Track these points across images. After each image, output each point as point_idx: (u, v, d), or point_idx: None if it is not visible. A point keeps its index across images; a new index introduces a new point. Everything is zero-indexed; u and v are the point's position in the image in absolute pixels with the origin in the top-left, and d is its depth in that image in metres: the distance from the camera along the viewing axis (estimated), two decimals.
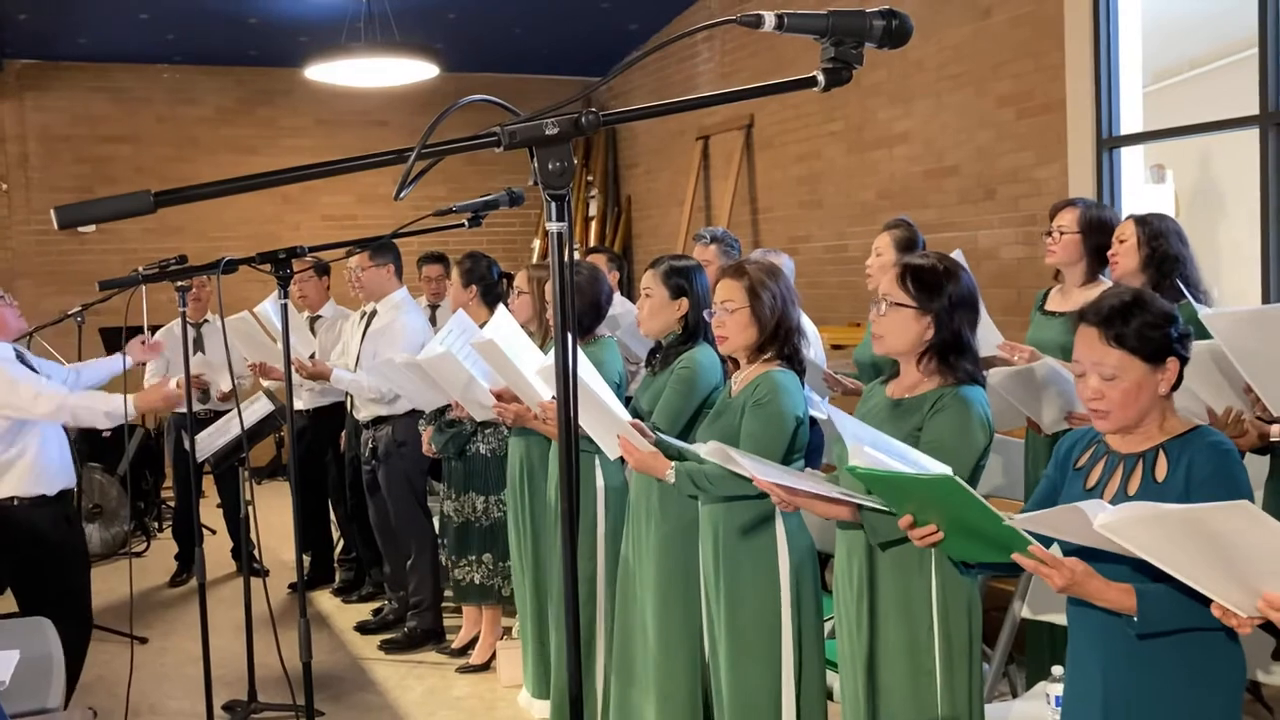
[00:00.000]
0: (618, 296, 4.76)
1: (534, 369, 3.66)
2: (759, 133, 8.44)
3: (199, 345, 6.32)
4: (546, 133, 1.35)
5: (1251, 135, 5.24)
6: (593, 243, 10.19)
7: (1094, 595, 2.08)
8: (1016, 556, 2.08)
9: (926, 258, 2.75)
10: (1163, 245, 3.57)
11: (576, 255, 10.04)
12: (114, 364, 4.81)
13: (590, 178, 10.43)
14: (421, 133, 1.35)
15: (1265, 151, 5.16)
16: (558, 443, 1.40)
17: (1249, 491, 2.17)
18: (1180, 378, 2.21)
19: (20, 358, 4.26)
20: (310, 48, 7.89)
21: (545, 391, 3.63)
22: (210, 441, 4.79)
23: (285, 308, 3.00)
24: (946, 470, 2.21)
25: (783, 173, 8.22)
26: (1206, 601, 1.84)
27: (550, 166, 1.36)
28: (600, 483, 3.81)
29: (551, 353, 4.19)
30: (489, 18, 8.84)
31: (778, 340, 3.07)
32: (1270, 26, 5.08)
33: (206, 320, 6.37)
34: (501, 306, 4.17)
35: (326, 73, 7.93)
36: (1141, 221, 3.64)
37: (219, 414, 5.96)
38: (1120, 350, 2.16)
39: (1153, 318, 2.17)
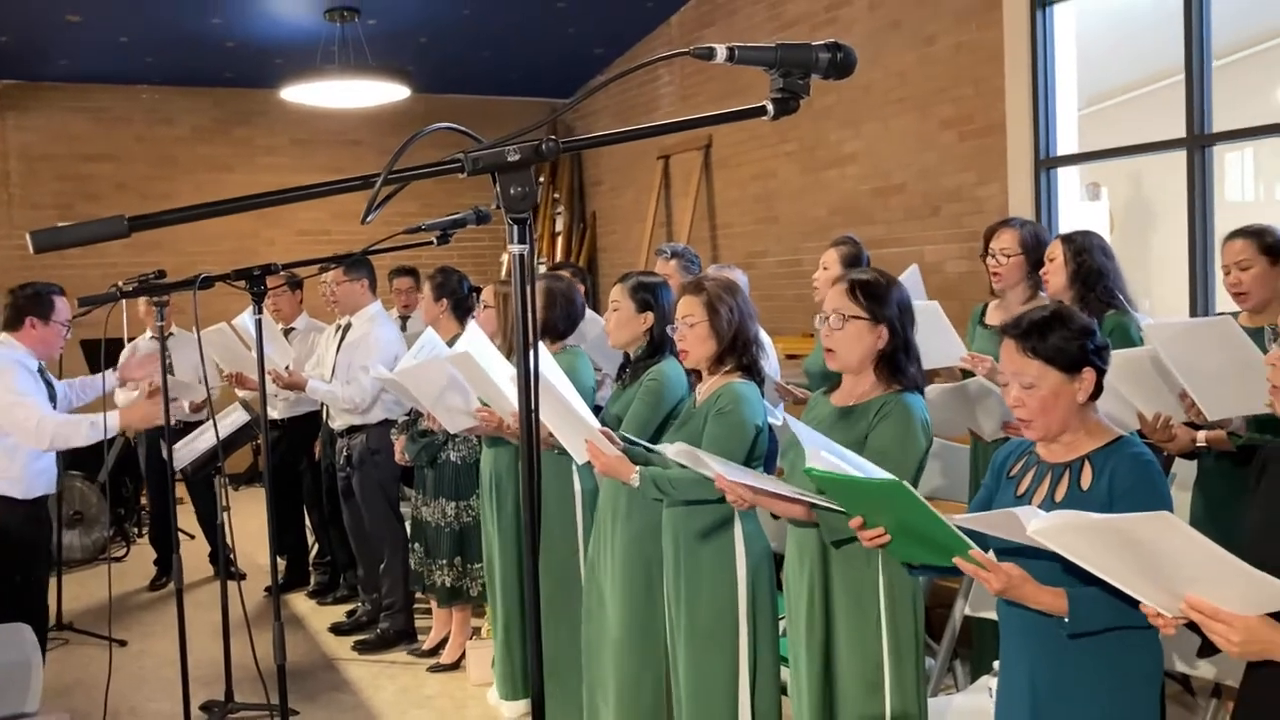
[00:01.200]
0: (589, 312, 4.77)
1: (506, 380, 3.65)
2: (717, 153, 8.48)
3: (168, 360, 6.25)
4: (508, 159, 1.35)
5: (1180, 156, 5.32)
6: (559, 257, 10.18)
7: (1028, 599, 2.12)
8: (957, 560, 2.11)
9: (868, 271, 2.81)
10: (1087, 260, 3.61)
11: (543, 269, 10.05)
12: (98, 384, 4.78)
13: (557, 194, 10.43)
14: (393, 152, 1.35)
15: (1192, 172, 5.24)
16: (521, 452, 1.40)
17: (1168, 501, 2.21)
18: (1100, 387, 2.25)
19: (41, 373, 4.27)
20: (285, 70, 7.86)
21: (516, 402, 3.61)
22: (187, 450, 4.74)
23: (260, 322, 2.98)
24: (892, 476, 2.24)
25: (740, 191, 8.25)
26: (1133, 601, 1.86)
27: (512, 191, 1.36)
28: (578, 486, 3.81)
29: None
30: (459, 41, 8.82)
31: (736, 352, 3.10)
32: (1196, 54, 5.16)
33: (172, 333, 6.29)
34: (473, 322, 4.17)
35: (301, 94, 7.90)
36: (1067, 240, 3.68)
37: (190, 425, 5.91)
38: (1037, 361, 2.21)
39: (1069, 332, 2.22)
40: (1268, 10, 8.30)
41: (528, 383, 1.40)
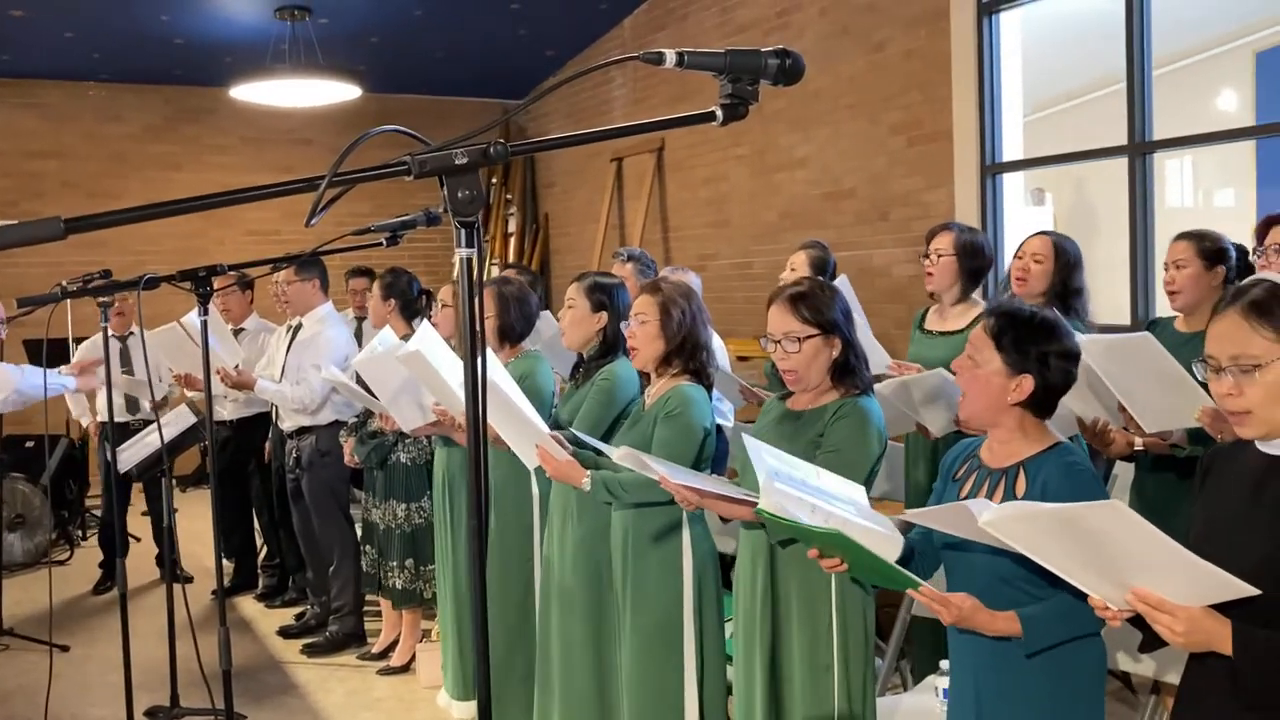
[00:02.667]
0: (543, 313, 4.75)
1: (458, 380, 3.62)
2: (669, 156, 8.48)
3: (125, 359, 6.15)
4: (456, 162, 1.33)
5: (1122, 162, 5.40)
6: (511, 258, 10.14)
7: (983, 626, 2.14)
8: (911, 592, 2.14)
9: (804, 284, 2.80)
10: (1073, 278, 3.65)
11: (495, 272, 9.99)
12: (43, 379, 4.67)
13: (509, 195, 10.38)
14: (345, 148, 1.32)
15: (1133, 178, 5.32)
16: (469, 457, 1.38)
17: (1101, 498, 2.23)
18: (1049, 403, 2.25)
19: None
20: (235, 68, 7.75)
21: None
22: (133, 453, 4.66)
23: (205, 324, 2.93)
24: (856, 486, 2.29)
25: (691, 194, 8.26)
26: (1080, 595, 1.88)
27: (460, 195, 1.34)
28: (535, 490, 3.79)
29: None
30: (411, 42, 8.75)
31: (684, 355, 3.11)
32: (1138, 63, 5.24)
33: (131, 333, 6.19)
34: (425, 320, 4.13)
35: (251, 92, 7.79)
36: (1058, 249, 3.67)
37: (146, 423, 5.81)
38: (992, 344, 2.22)
39: (1030, 333, 2.21)
40: (1206, 21, 8.46)
41: (475, 388, 1.38)
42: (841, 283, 4.29)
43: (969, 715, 2.29)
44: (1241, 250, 3.40)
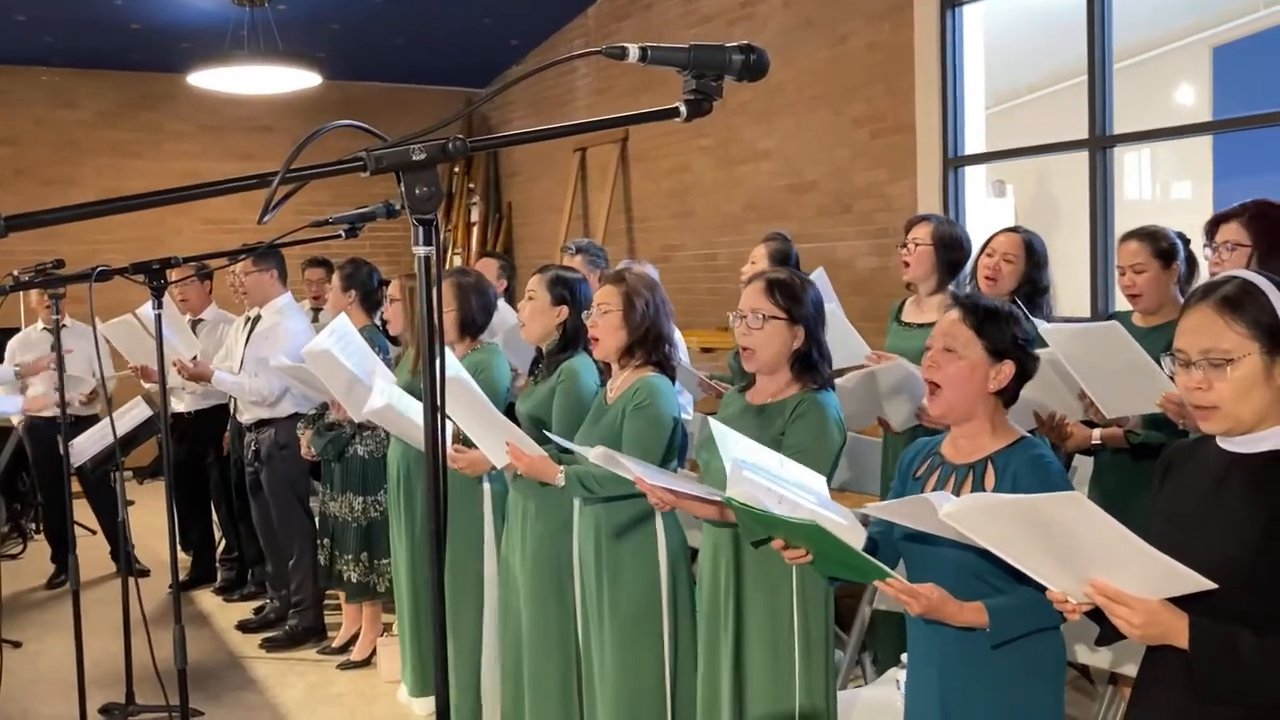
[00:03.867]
0: (502, 304, 4.71)
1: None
2: (633, 146, 8.45)
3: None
4: (413, 158, 1.30)
5: (1082, 155, 5.43)
6: (474, 248, 10.07)
7: (950, 618, 2.15)
8: (879, 584, 2.14)
9: (784, 271, 2.83)
10: (1042, 276, 3.66)
11: (459, 262, 9.92)
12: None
13: (472, 185, 10.31)
14: (305, 137, 1.29)
15: (1094, 172, 5.36)
16: (426, 457, 1.36)
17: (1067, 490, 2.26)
18: (1013, 386, 2.27)
19: None
20: (193, 54, 7.62)
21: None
22: (86, 446, 4.58)
23: (160, 318, 2.87)
24: (817, 477, 2.29)
25: (655, 185, 8.24)
26: (1045, 601, 1.88)
27: (418, 191, 1.31)
28: (486, 485, 3.76)
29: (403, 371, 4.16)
30: (372, 29, 8.65)
31: (647, 346, 3.09)
32: (1098, 56, 5.27)
33: (65, 325, 6.07)
34: (343, 314, 4.11)
35: (210, 79, 7.67)
36: (1029, 249, 3.66)
37: (81, 418, 5.71)
38: (971, 332, 2.23)
39: (1011, 321, 2.25)
40: (1164, 16, 8.54)
41: (434, 387, 1.36)
42: (819, 276, 4.30)
43: (933, 707, 2.30)
44: (1185, 239, 3.42)
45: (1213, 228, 2.93)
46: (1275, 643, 1.66)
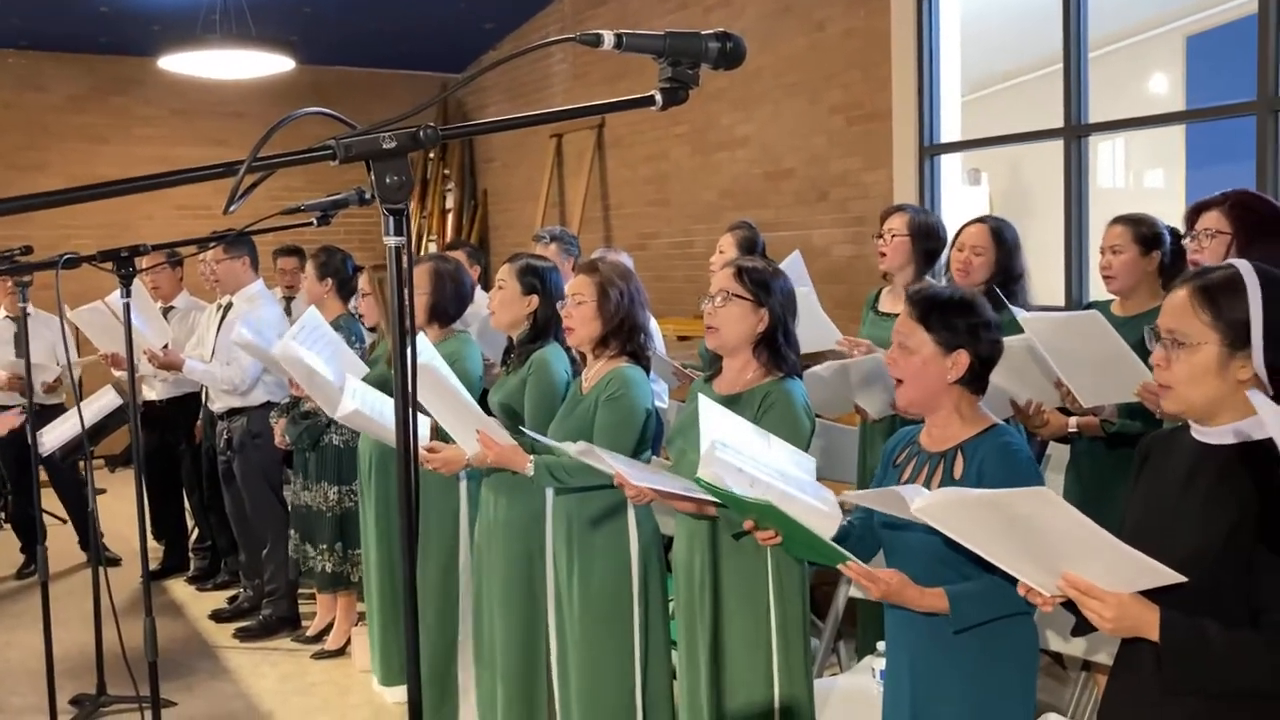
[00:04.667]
0: (478, 294, 4.69)
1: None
2: (610, 133, 8.41)
3: (20, 342, 5.98)
4: (383, 146, 1.28)
5: (1056, 143, 5.44)
6: (450, 235, 10.01)
7: (910, 603, 2.18)
8: (842, 567, 2.17)
9: (757, 259, 2.85)
10: (1015, 264, 3.66)
11: (434, 248, 9.86)
12: None
13: (447, 171, 10.25)
14: (277, 121, 1.26)
15: (1069, 160, 5.37)
16: (398, 449, 1.34)
17: (1035, 482, 2.25)
18: (984, 381, 2.28)
19: None
20: (163, 37, 7.51)
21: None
22: (56, 434, 4.53)
23: (128, 306, 2.83)
24: (807, 457, 2.35)
25: (632, 172, 8.21)
26: (1010, 580, 1.89)
27: (388, 180, 1.29)
28: (462, 475, 3.74)
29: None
30: (345, 12, 8.56)
31: (621, 336, 3.08)
32: (1074, 45, 5.28)
33: (29, 314, 6.00)
34: (313, 309, 4.09)
35: (180, 63, 7.57)
36: (998, 238, 3.64)
37: (46, 408, 5.64)
38: (921, 327, 2.26)
39: (958, 310, 2.26)
40: (1139, 5, 8.57)
41: (405, 381, 1.34)
42: (794, 259, 4.30)
43: (904, 693, 2.31)
44: (1175, 233, 3.43)
45: (1193, 215, 2.94)
46: (1242, 635, 1.67)
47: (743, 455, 2.27)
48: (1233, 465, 1.73)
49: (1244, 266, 1.77)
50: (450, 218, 10.15)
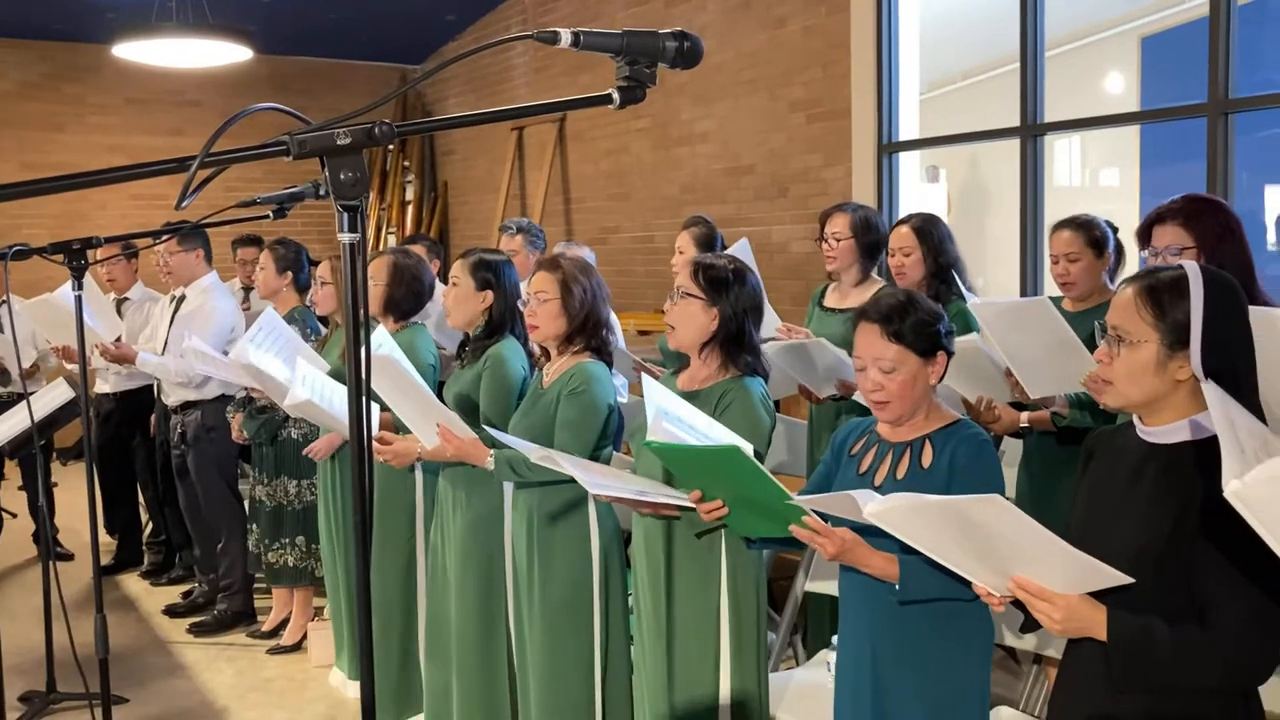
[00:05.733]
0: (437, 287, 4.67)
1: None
2: (571, 126, 8.40)
3: None
4: (338, 142, 1.27)
5: (1013, 141, 5.50)
6: (409, 228, 9.95)
7: (860, 562, 2.18)
8: (793, 527, 2.16)
9: (719, 258, 2.83)
10: (944, 255, 3.70)
11: (393, 241, 9.79)
12: None
13: (407, 163, 10.18)
14: (235, 113, 1.25)
15: (1025, 159, 5.43)
16: (351, 447, 1.34)
17: (1001, 480, 2.30)
18: (945, 371, 2.31)
19: None
20: (118, 25, 7.40)
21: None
22: (7, 428, 4.46)
23: (80, 299, 2.79)
24: (737, 440, 2.27)
25: (593, 166, 8.20)
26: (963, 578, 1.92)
27: (342, 176, 1.28)
28: (419, 471, 3.72)
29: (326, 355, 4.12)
30: (305, 2, 8.49)
31: (585, 332, 3.07)
32: (1030, 45, 5.34)
33: (4, 301, 5.92)
34: (270, 309, 4.08)
35: (136, 51, 7.46)
36: (921, 235, 3.70)
37: (22, 396, 5.56)
38: (898, 345, 2.25)
39: (925, 315, 2.28)
40: (1095, 6, 8.67)
41: (358, 374, 1.33)
42: (741, 247, 4.31)
43: (865, 680, 2.33)
44: (1114, 228, 3.48)
45: (1145, 232, 2.93)
46: (1187, 633, 1.70)
47: (684, 424, 2.30)
48: (1176, 463, 1.76)
49: (1192, 269, 1.80)
50: (410, 210, 10.09)
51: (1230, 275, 1.84)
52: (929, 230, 3.71)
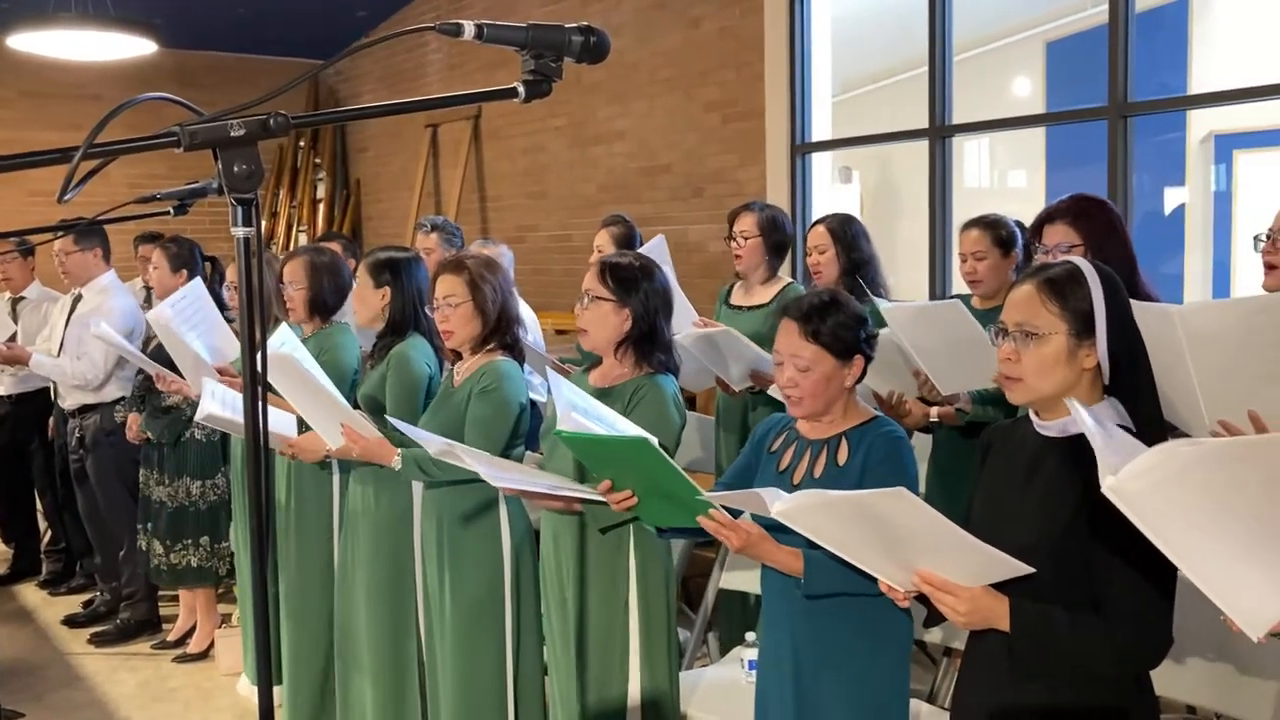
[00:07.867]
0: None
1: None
2: (486, 124, 8.33)
3: None
4: (231, 134, 1.23)
5: (924, 144, 5.59)
6: (321, 225, 9.78)
7: (766, 557, 2.20)
8: (701, 519, 2.17)
9: (625, 256, 2.83)
10: (858, 253, 3.76)
11: (304, 239, 9.62)
12: None
13: (318, 160, 10.01)
14: (115, 109, 1.21)
15: (934, 160, 5.53)
16: (247, 446, 1.30)
17: (914, 474, 2.34)
18: (864, 373, 2.34)
19: None
20: (12, 14, 7.15)
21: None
22: None
23: None
24: (645, 434, 2.27)
25: (510, 164, 8.15)
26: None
27: (236, 169, 1.24)
28: (335, 471, 3.66)
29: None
30: None
31: (500, 331, 3.05)
32: (939, 48, 5.43)
33: None
34: (197, 279, 3.99)
35: (32, 42, 7.21)
36: (835, 234, 3.77)
37: None
38: (815, 345, 2.27)
39: (846, 318, 2.30)
40: (1001, 11, 8.86)
41: (254, 373, 1.30)
42: (657, 244, 4.32)
43: (787, 677, 2.34)
44: (1023, 228, 3.56)
45: (1039, 227, 3.04)
46: (1085, 621, 1.75)
47: (591, 416, 2.31)
48: (1072, 456, 1.80)
49: (1081, 262, 1.86)
50: (322, 208, 9.92)
51: (1111, 270, 1.90)
52: (843, 229, 3.77)
